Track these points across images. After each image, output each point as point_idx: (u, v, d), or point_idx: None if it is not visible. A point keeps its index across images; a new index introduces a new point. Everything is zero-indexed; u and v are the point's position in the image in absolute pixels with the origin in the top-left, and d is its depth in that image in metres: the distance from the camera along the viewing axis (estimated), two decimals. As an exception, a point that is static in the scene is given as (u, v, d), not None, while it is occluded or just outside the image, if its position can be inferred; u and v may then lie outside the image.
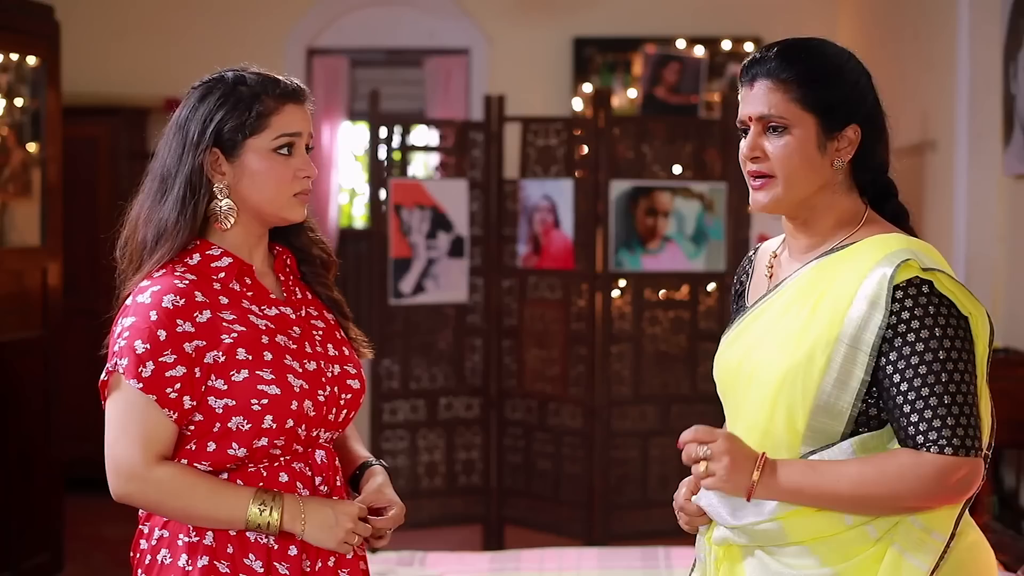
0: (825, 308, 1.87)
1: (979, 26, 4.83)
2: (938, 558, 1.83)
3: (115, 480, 2.00)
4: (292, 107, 2.09)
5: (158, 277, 2.03)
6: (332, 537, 2.02)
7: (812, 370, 1.85)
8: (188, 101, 2.11)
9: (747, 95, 1.95)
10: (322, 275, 2.23)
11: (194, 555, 2.01)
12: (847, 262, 1.89)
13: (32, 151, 4.97)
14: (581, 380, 5.15)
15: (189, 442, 2.02)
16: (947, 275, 1.84)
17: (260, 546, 2.02)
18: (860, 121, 1.93)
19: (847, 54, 1.98)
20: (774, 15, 6.78)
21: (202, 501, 1.98)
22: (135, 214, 2.12)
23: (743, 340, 1.99)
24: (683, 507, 2.02)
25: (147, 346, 1.97)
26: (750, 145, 1.93)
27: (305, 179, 2.09)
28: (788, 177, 1.91)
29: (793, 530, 1.87)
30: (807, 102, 1.90)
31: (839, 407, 1.85)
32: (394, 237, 5.12)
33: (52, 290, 5.01)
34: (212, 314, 2.02)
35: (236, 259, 2.09)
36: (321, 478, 2.09)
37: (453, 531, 5.37)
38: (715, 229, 5.12)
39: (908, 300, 1.82)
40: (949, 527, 1.84)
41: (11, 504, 4.72)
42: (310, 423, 2.06)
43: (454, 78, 7.03)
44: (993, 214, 4.79)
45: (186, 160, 2.06)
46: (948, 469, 1.80)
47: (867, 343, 1.83)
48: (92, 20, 6.83)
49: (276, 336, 2.07)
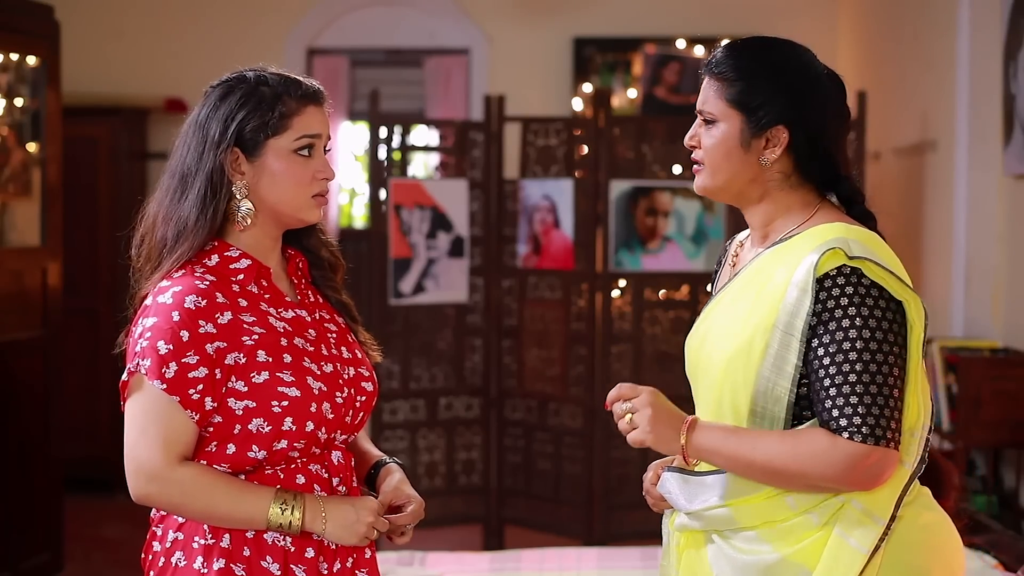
0: (765, 296, 1.95)
1: (979, 26, 4.83)
2: (878, 540, 1.89)
3: (136, 480, 2.00)
4: (313, 108, 2.09)
5: (178, 277, 2.03)
6: (354, 534, 2.03)
7: (752, 355, 1.94)
8: (208, 100, 2.09)
9: (701, 89, 2.08)
10: (330, 278, 2.24)
11: (210, 557, 2.00)
12: (788, 251, 1.97)
13: (32, 151, 4.97)
14: (581, 380, 5.15)
15: (209, 444, 2.02)
16: (876, 263, 1.89)
17: (277, 548, 2.02)
18: (789, 123, 1.99)
19: (794, 56, 2.03)
20: (774, 15, 6.78)
21: (223, 501, 1.98)
22: (153, 212, 2.11)
23: (703, 326, 2.09)
24: (648, 490, 2.13)
25: (170, 347, 1.96)
26: (690, 133, 2.07)
27: (323, 181, 2.09)
28: (712, 166, 2.04)
29: (741, 516, 1.95)
30: (734, 100, 2.00)
31: (777, 392, 1.92)
32: (394, 237, 5.12)
33: (52, 290, 5.01)
34: (233, 316, 2.02)
35: (255, 261, 2.09)
36: (339, 479, 2.09)
37: (453, 531, 5.36)
38: (715, 229, 5.12)
39: (835, 288, 1.89)
40: (889, 510, 1.90)
41: (11, 504, 4.72)
42: (329, 425, 2.06)
43: (454, 78, 7.04)
44: (993, 214, 4.79)
45: (207, 159, 2.05)
46: (858, 456, 1.85)
47: (798, 329, 1.90)
48: (92, 20, 6.83)
49: (294, 339, 2.07)
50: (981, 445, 4.35)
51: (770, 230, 2.05)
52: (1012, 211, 4.66)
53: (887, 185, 5.87)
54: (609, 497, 5.10)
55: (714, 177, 2.03)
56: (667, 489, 2.04)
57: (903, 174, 5.70)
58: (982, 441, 4.29)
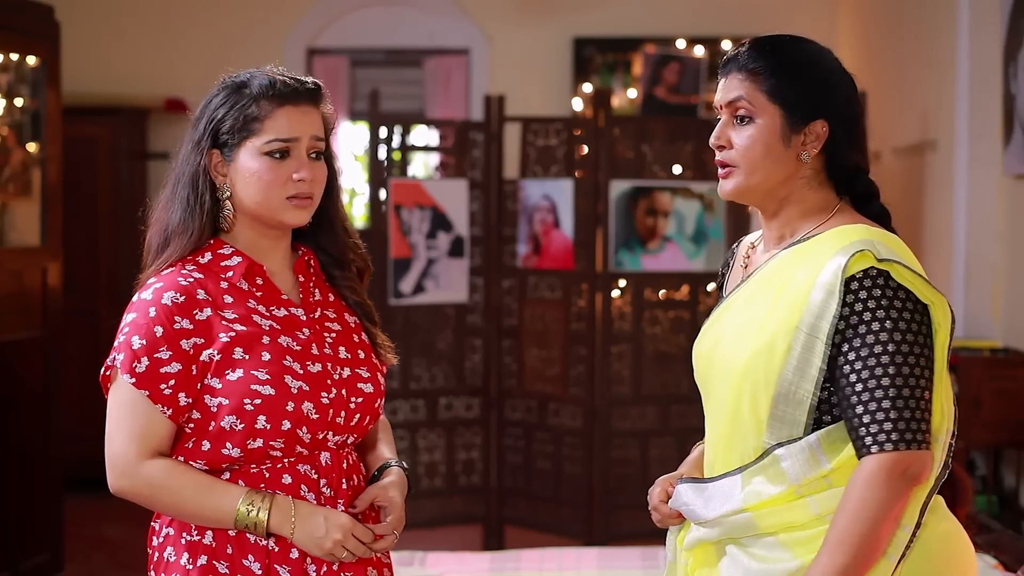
0: (787, 297, 1.90)
1: (979, 26, 4.83)
2: (904, 548, 1.85)
3: (110, 474, 2.02)
4: (290, 109, 2.05)
5: (165, 274, 2.05)
6: (318, 547, 2.00)
7: (774, 357, 1.88)
8: (203, 101, 2.11)
9: (721, 87, 2.00)
10: (350, 277, 2.21)
11: (195, 554, 2.01)
12: (809, 252, 1.92)
13: (32, 151, 4.97)
14: (581, 380, 5.15)
15: (187, 440, 2.02)
16: (904, 266, 1.86)
17: (259, 548, 2.01)
18: (828, 117, 1.95)
19: (822, 52, 2.01)
20: (774, 15, 6.78)
21: (191, 498, 1.99)
22: (155, 213, 2.13)
23: (715, 329, 2.03)
24: (656, 507, 2.07)
25: (143, 342, 1.98)
26: (717, 133, 1.98)
27: (300, 182, 2.06)
28: (749, 166, 1.95)
29: (763, 520, 1.89)
30: (774, 93, 1.94)
31: (800, 395, 1.88)
32: (394, 237, 5.12)
33: (52, 290, 5.01)
34: (213, 312, 2.02)
35: (246, 258, 2.09)
36: (325, 480, 2.07)
37: (453, 531, 5.36)
38: (715, 229, 5.12)
39: (863, 291, 1.85)
40: (915, 518, 1.86)
41: (11, 504, 4.72)
42: (312, 425, 2.04)
43: (454, 78, 7.04)
44: (993, 214, 4.79)
45: (193, 161, 2.07)
46: (891, 464, 1.81)
47: (824, 331, 1.85)
48: (92, 20, 6.83)
49: (279, 337, 2.06)
50: (981, 445, 4.35)
51: (788, 231, 1.99)
52: (1012, 211, 4.66)
53: (887, 185, 5.85)
54: (609, 497, 5.10)
55: (749, 177, 1.95)
56: (683, 501, 1.99)
57: (903, 174, 5.70)
58: (982, 441, 4.29)
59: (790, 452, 1.88)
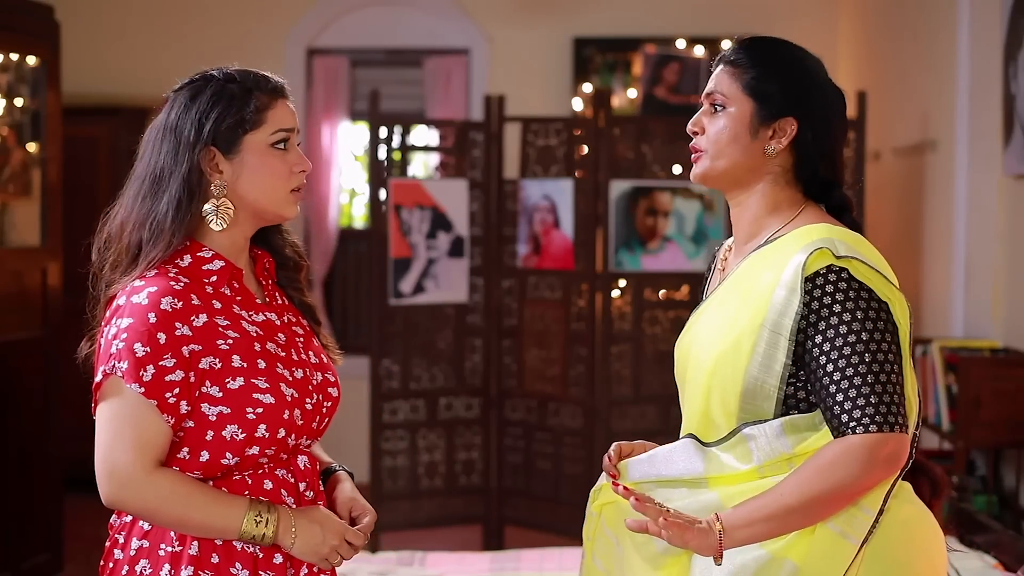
0: (752, 297, 1.96)
1: (979, 26, 4.83)
2: (867, 532, 1.90)
3: (109, 485, 1.96)
4: (283, 102, 2.09)
5: (151, 278, 1.99)
6: (316, 554, 2.02)
7: (740, 355, 1.95)
8: (175, 102, 2.08)
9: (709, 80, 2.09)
10: (294, 278, 2.21)
11: (177, 565, 1.97)
12: (774, 253, 1.99)
13: (32, 151, 4.97)
14: (581, 380, 5.15)
15: (180, 450, 1.98)
16: (863, 262, 1.91)
17: (247, 555, 2.00)
18: (799, 117, 2.02)
19: (809, 58, 2.08)
20: (774, 15, 6.78)
21: (198, 511, 1.95)
22: (123, 217, 2.07)
23: (692, 330, 2.11)
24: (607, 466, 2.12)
25: (147, 349, 1.93)
26: (693, 120, 2.08)
27: (301, 174, 2.08)
28: (715, 151, 2.03)
29: (729, 503, 1.93)
30: (749, 86, 2.02)
31: (766, 390, 1.93)
32: (394, 237, 5.12)
33: (52, 290, 5.01)
34: (208, 318, 1.99)
35: (227, 262, 2.06)
36: (306, 483, 2.08)
37: (453, 531, 5.37)
38: (715, 229, 5.12)
39: (827, 286, 1.90)
40: (878, 503, 1.91)
41: (11, 504, 4.72)
42: (298, 432, 2.05)
43: (454, 78, 7.03)
44: (993, 214, 4.79)
45: (182, 160, 2.03)
46: (875, 445, 1.85)
47: (787, 328, 1.91)
48: (92, 20, 6.83)
49: (267, 343, 2.05)
50: (981, 445, 4.35)
51: (755, 229, 2.06)
52: (1012, 211, 4.66)
53: (887, 185, 5.86)
54: (609, 497, 5.09)
55: (715, 161, 2.03)
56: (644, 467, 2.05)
57: (903, 174, 5.70)
58: (982, 441, 4.29)
59: (757, 432, 1.93)
